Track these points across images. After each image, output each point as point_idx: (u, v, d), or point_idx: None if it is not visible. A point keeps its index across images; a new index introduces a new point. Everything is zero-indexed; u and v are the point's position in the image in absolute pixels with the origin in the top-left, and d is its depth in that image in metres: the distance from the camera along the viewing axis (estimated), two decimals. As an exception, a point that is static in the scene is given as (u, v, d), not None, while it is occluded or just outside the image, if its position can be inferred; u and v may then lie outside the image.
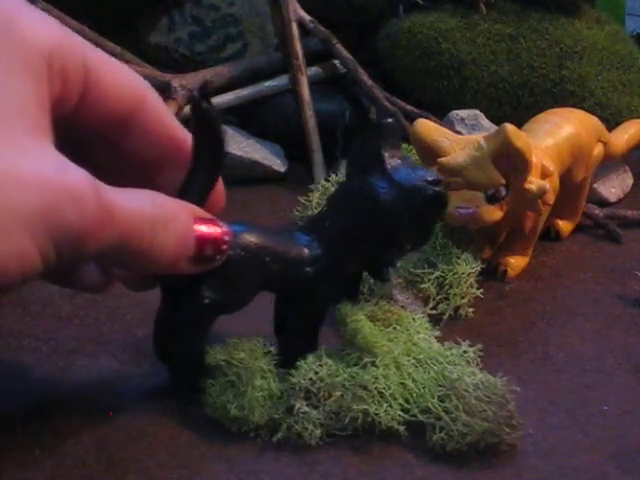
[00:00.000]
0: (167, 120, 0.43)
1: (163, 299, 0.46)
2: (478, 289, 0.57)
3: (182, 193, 0.43)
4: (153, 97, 0.43)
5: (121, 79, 0.41)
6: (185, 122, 0.81)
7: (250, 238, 0.45)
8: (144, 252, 0.38)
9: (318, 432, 0.43)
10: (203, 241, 0.41)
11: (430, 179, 0.44)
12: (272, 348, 0.46)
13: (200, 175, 0.44)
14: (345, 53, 0.80)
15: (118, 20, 0.84)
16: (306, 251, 0.45)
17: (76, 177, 0.36)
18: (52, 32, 0.38)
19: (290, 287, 0.46)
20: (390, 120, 0.46)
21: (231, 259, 0.43)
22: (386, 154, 0.45)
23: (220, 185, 0.46)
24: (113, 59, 0.42)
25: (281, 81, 0.82)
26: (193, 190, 0.44)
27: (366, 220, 0.45)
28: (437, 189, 0.44)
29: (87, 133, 0.41)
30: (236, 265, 0.44)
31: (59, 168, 0.36)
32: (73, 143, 0.38)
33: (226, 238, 0.42)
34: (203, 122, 0.43)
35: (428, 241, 0.47)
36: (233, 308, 0.46)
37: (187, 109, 0.79)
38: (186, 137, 0.44)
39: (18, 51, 0.36)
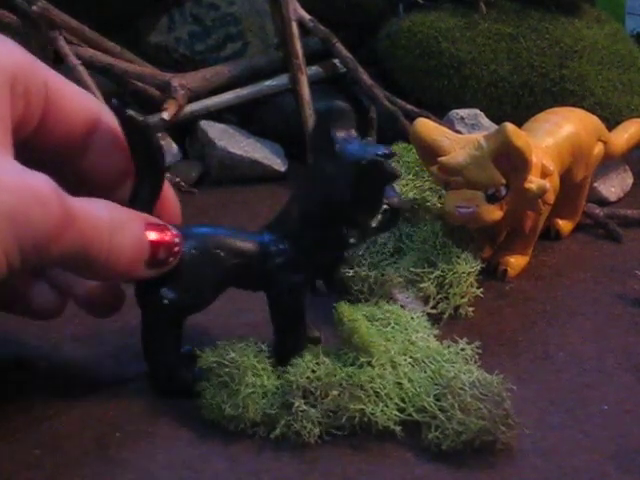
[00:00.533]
0: (121, 137, 0.44)
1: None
2: (478, 288, 0.57)
3: (130, 204, 0.44)
4: (107, 116, 0.44)
5: (77, 100, 0.43)
6: (185, 122, 0.81)
7: (204, 237, 0.45)
8: (103, 257, 0.40)
9: (317, 430, 0.43)
10: (156, 245, 0.43)
11: (380, 152, 0.43)
12: (264, 346, 0.46)
13: (143, 185, 0.45)
14: (345, 52, 0.80)
15: (118, 20, 0.84)
16: (268, 245, 0.46)
17: (40, 181, 0.37)
18: (15, 55, 0.39)
19: (257, 282, 0.47)
20: (341, 103, 0.46)
21: (185, 259, 0.44)
22: (339, 135, 0.44)
23: (169, 193, 0.47)
24: (70, 82, 0.43)
25: (281, 80, 0.82)
26: (139, 200, 0.45)
27: (318, 204, 0.45)
28: (376, 157, 0.43)
29: (46, 154, 0.42)
30: (191, 264, 0.45)
31: (22, 173, 0.36)
32: (34, 165, 0.38)
33: (177, 240, 0.44)
34: (133, 132, 0.44)
35: (379, 211, 0.46)
36: (196, 307, 0.46)
37: (187, 109, 0.79)
38: None
39: None
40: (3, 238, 0.35)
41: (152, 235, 0.42)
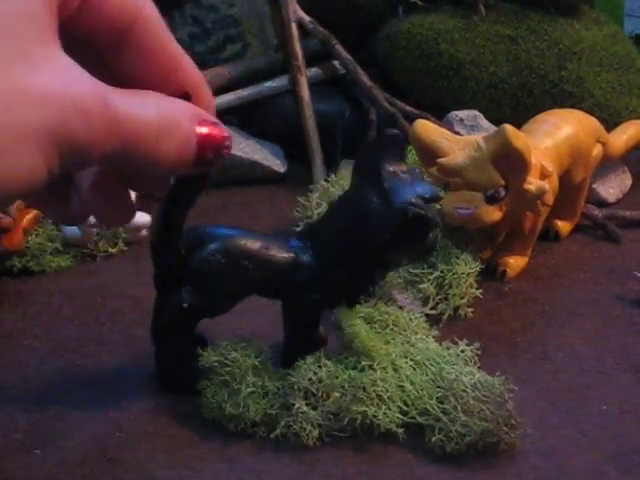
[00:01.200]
0: (163, 34, 0.43)
1: (156, 301, 0.46)
2: (477, 289, 0.57)
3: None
4: (150, 10, 0.43)
5: None
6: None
7: (233, 243, 0.45)
8: (147, 158, 0.38)
9: (316, 432, 0.43)
10: (204, 145, 0.41)
11: (427, 196, 0.43)
12: (265, 347, 0.46)
13: (176, 208, 0.44)
14: (344, 54, 0.81)
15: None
16: (295, 257, 0.45)
17: (84, 88, 0.35)
18: None
19: (278, 292, 0.46)
20: (396, 131, 0.46)
21: (212, 265, 0.44)
22: (388, 166, 0.44)
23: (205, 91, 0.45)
24: None
25: (281, 82, 0.82)
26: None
27: (353, 232, 0.44)
28: (422, 211, 0.42)
29: (82, 44, 0.41)
30: (217, 270, 0.44)
31: (68, 80, 0.35)
32: (69, 54, 0.38)
33: (227, 143, 0.42)
34: None
35: (412, 262, 0.46)
36: (213, 312, 0.46)
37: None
38: (184, 59, 0.44)
39: None
40: (45, 150, 0.34)
41: (202, 132, 0.40)
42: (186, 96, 0.40)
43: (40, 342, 0.53)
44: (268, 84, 0.82)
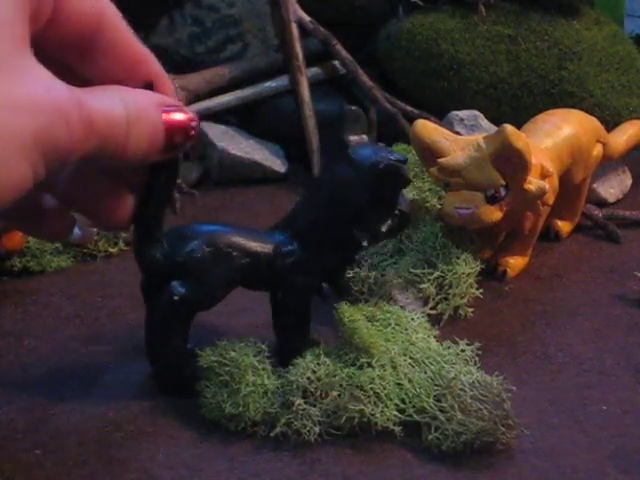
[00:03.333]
0: (126, 35, 0.43)
1: (147, 309, 0.46)
2: (478, 289, 0.57)
3: (135, 218, 0.43)
4: (112, 12, 0.43)
5: None
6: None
7: (216, 235, 0.46)
8: (120, 151, 0.39)
9: (317, 429, 0.43)
10: (172, 130, 0.42)
11: (393, 158, 0.44)
12: (264, 346, 0.46)
13: (151, 202, 0.44)
14: (345, 54, 0.81)
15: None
16: (279, 246, 0.46)
17: (62, 95, 0.36)
18: None
19: (266, 282, 0.47)
20: (353, 107, 0.47)
21: (196, 256, 0.44)
22: (352, 138, 0.45)
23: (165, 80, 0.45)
24: None
25: (281, 82, 0.82)
26: (146, 216, 0.44)
27: (332, 206, 0.45)
28: (392, 162, 0.44)
29: (52, 54, 0.41)
30: (204, 262, 0.45)
31: (47, 88, 0.36)
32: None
33: (193, 124, 0.43)
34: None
35: (400, 215, 0.47)
36: (205, 304, 0.46)
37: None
38: (144, 51, 0.44)
39: None
40: (32, 157, 0.35)
41: (168, 119, 0.41)
42: (149, 85, 0.41)
43: (40, 342, 0.53)
44: (268, 84, 0.82)
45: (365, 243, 0.46)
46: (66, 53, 0.42)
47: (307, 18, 0.82)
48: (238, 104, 0.81)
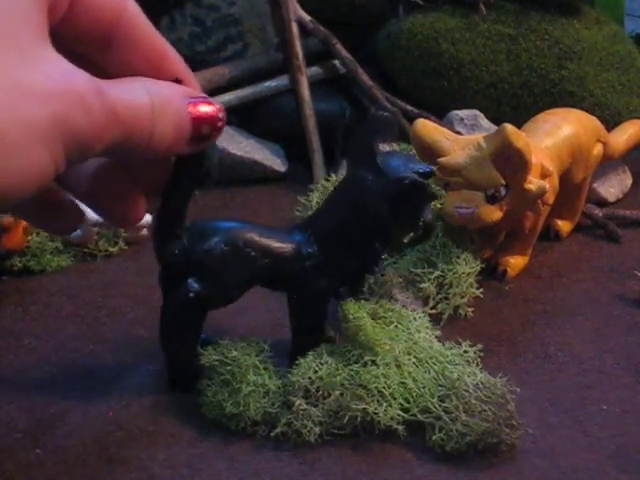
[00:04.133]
0: (147, 26, 0.43)
1: (164, 301, 0.46)
2: (478, 289, 0.57)
3: (164, 198, 0.44)
4: (133, 8, 0.43)
5: None
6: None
7: (235, 233, 0.45)
8: (145, 142, 0.39)
9: (317, 429, 0.43)
10: (199, 121, 0.41)
11: (421, 171, 0.44)
12: (266, 345, 0.46)
13: (178, 190, 0.44)
14: (345, 53, 0.81)
15: None
16: (299, 247, 0.46)
17: (81, 82, 0.36)
18: None
19: (284, 282, 0.46)
20: (386, 113, 0.46)
21: (214, 254, 0.44)
22: (380, 146, 0.45)
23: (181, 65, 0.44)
24: None
25: (281, 81, 0.82)
26: (176, 196, 0.44)
27: (354, 214, 0.45)
28: (417, 178, 0.43)
29: (70, 46, 0.41)
30: (221, 259, 0.44)
31: (65, 75, 0.36)
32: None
33: (220, 115, 0.43)
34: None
35: (425, 226, 0.46)
36: (220, 302, 0.46)
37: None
38: (168, 48, 0.44)
39: None
40: (52, 145, 0.35)
41: (195, 110, 0.41)
42: (177, 81, 0.41)
43: (40, 342, 0.53)
44: (268, 83, 0.82)
45: (384, 255, 0.46)
46: (86, 47, 0.41)
47: (307, 17, 0.82)
48: (238, 103, 0.81)
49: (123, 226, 0.50)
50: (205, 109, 0.41)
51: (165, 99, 0.40)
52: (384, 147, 0.45)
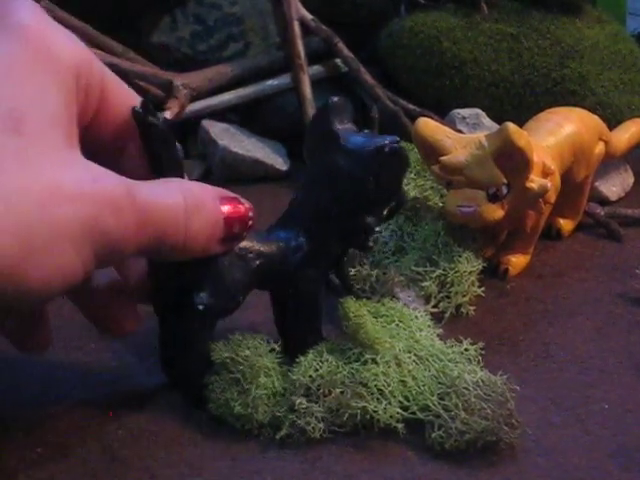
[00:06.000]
0: None
1: (160, 323, 0.46)
2: (479, 287, 0.57)
3: None
4: None
5: (125, 97, 0.43)
6: (188, 121, 0.81)
7: None
8: (180, 243, 0.40)
9: (321, 425, 0.43)
10: (231, 220, 0.42)
11: (391, 140, 0.44)
12: (276, 345, 0.46)
13: None
14: (347, 52, 0.81)
15: (121, 19, 0.84)
16: (287, 241, 0.46)
17: (112, 185, 0.37)
18: (78, 49, 0.40)
19: (279, 279, 0.46)
20: (336, 98, 0.47)
21: (217, 263, 0.44)
22: (339, 128, 0.45)
23: None
24: (118, 78, 0.43)
25: (283, 80, 0.82)
26: None
27: (335, 197, 0.45)
28: (395, 145, 0.44)
29: (92, 151, 0.42)
30: (220, 267, 0.44)
31: (96, 179, 0.37)
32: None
33: (250, 214, 0.43)
34: (152, 138, 0.43)
35: (399, 196, 0.47)
36: (228, 310, 0.46)
37: (190, 108, 0.79)
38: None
39: (51, 66, 0.37)
40: (80, 248, 0.35)
41: (226, 210, 0.42)
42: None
43: (42, 340, 0.53)
44: (270, 82, 0.82)
45: (376, 227, 0.46)
46: (104, 151, 0.42)
47: (309, 16, 0.82)
48: (240, 102, 0.81)
49: (119, 336, 0.50)
50: (236, 208, 0.43)
51: (199, 199, 0.41)
52: (342, 127, 0.45)
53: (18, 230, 0.33)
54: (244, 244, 0.45)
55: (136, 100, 0.43)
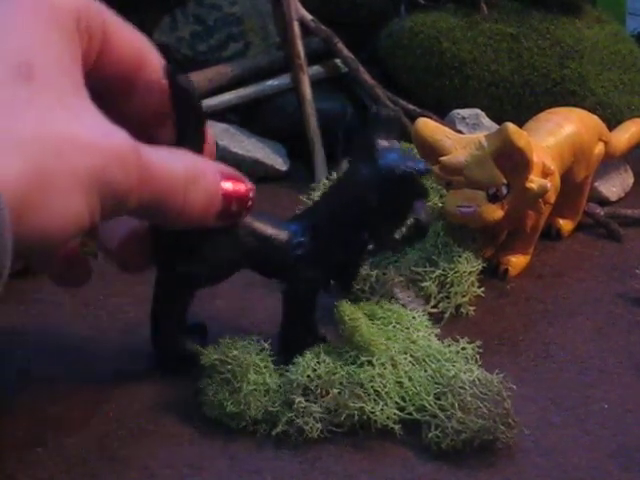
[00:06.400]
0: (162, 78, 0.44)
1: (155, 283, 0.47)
2: (479, 288, 0.57)
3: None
4: (153, 55, 0.45)
5: (129, 38, 0.43)
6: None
7: None
8: (177, 208, 0.40)
9: (319, 425, 0.43)
10: (229, 198, 0.42)
11: (416, 167, 0.44)
12: (266, 344, 0.46)
13: (185, 145, 0.44)
14: (347, 52, 0.80)
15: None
16: (291, 235, 0.46)
17: (121, 139, 0.38)
18: None
19: (274, 270, 0.47)
20: (390, 111, 0.47)
21: (204, 231, 0.44)
22: (380, 142, 0.45)
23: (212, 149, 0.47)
24: (122, 20, 0.43)
25: (283, 80, 0.82)
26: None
27: (347, 205, 0.45)
28: (409, 170, 0.43)
29: (96, 93, 0.42)
30: (209, 237, 0.44)
31: (106, 131, 0.37)
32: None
33: (251, 194, 0.43)
34: (181, 95, 0.43)
35: (420, 224, 0.46)
36: (207, 281, 0.46)
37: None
38: None
39: (51, 14, 0.38)
40: (89, 196, 0.36)
41: (226, 187, 0.42)
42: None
43: (41, 340, 0.53)
44: (270, 82, 0.82)
45: (371, 247, 0.46)
46: (108, 92, 0.43)
47: (309, 16, 0.82)
48: (240, 102, 0.81)
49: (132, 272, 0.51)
50: (237, 187, 0.43)
51: (199, 171, 0.41)
52: (384, 143, 0.45)
53: (35, 176, 0.34)
54: (249, 223, 0.45)
55: (140, 40, 0.43)
